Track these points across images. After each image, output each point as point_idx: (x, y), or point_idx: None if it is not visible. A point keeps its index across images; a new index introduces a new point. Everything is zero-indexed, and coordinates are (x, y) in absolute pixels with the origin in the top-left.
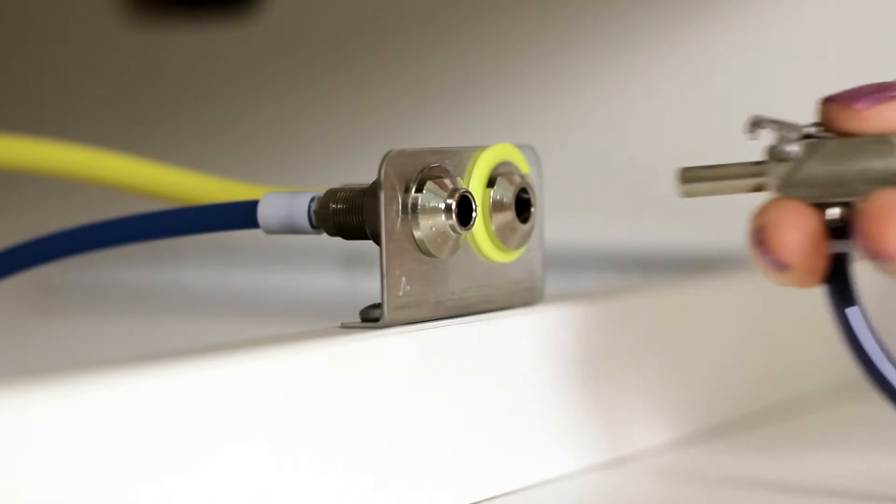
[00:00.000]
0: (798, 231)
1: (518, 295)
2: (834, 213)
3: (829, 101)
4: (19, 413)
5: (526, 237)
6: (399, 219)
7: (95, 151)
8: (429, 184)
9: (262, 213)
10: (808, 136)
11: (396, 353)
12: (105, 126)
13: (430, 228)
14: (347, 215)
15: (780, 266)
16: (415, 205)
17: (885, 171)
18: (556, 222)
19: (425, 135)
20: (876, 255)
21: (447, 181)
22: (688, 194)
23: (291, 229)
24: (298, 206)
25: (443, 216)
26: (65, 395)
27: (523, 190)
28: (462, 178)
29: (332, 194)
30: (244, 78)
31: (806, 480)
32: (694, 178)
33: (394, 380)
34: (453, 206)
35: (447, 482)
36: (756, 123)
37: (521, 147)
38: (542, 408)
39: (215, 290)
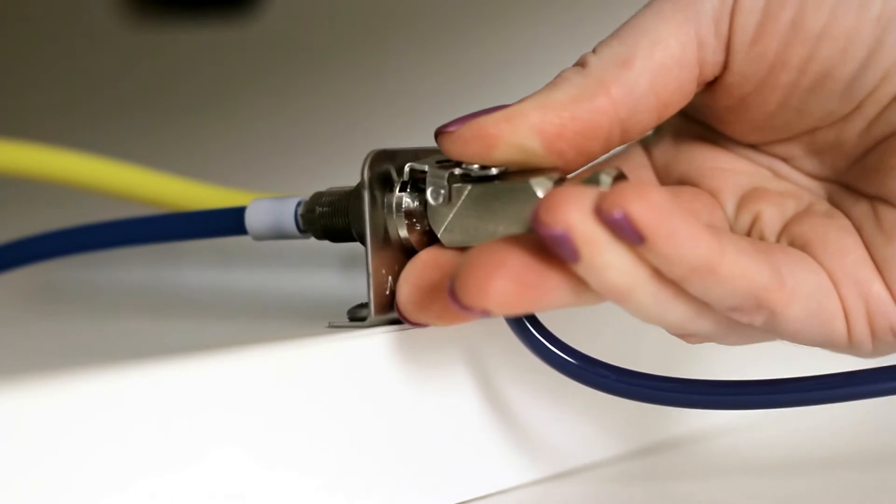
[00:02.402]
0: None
1: None
2: None
3: (436, 136)
4: (18, 412)
5: None
6: (383, 219)
7: (83, 157)
8: (412, 183)
9: (250, 220)
10: (465, 176)
11: (383, 353)
12: (104, 126)
13: (415, 227)
14: (333, 218)
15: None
16: (399, 204)
17: (527, 217)
18: None
19: (425, 135)
20: (466, 311)
21: None
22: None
23: (279, 234)
24: (285, 212)
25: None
26: (63, 394)
27: None
28: None
29: (317, 198)
30: (243, 78)
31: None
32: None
33: (380, 379)
34: None
35: (433, 482)
36: (412, 172)
37: None
38: (535, 408)
39: (215, 290)
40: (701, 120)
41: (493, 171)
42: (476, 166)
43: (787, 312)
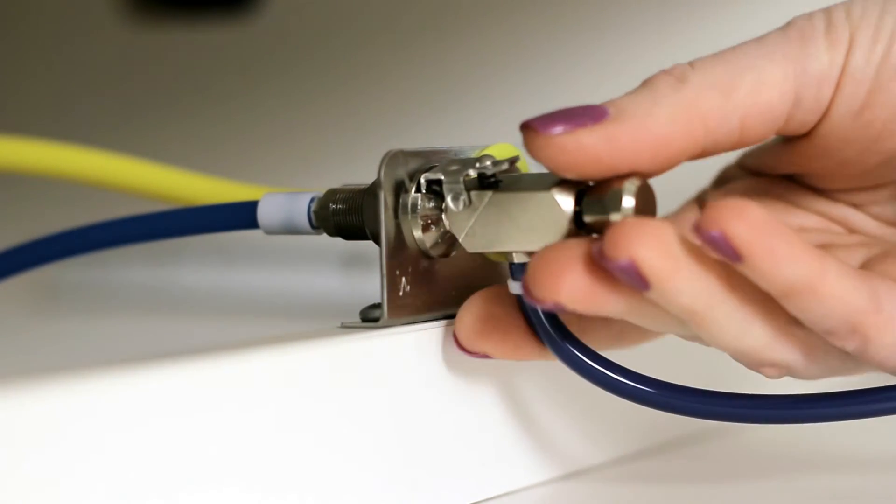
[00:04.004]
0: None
1: None
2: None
3: (524, 128)
4: (19, 413)
5: None
6: (399, 219)
7: (95, 153)
8: (428, 185)
9: (262, 214)
10: (482, 180)
11: (396, 354)
12: (105, 126)
13: (430, 228)
14: (347, 215)
15: None
16: (414, 205)
17: (548, 225)
18: None
19: (425, 135)
20: (538, 303)
21: None
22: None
23: (291, 230)
24: (298, 207)
25: (443, 216)
26: (65, 396)
27: None
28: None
29: (331, 194)
30: (244, 78)
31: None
32: None
33: (393, 380)
34: None
35: (447, 482)
36: (430, 183)
37: (520, 147)
38: (546, 407)
39: (215, 290)
40: (781, 172)
41: (505, 165)
42: (489, 164)
43: (881, 339)
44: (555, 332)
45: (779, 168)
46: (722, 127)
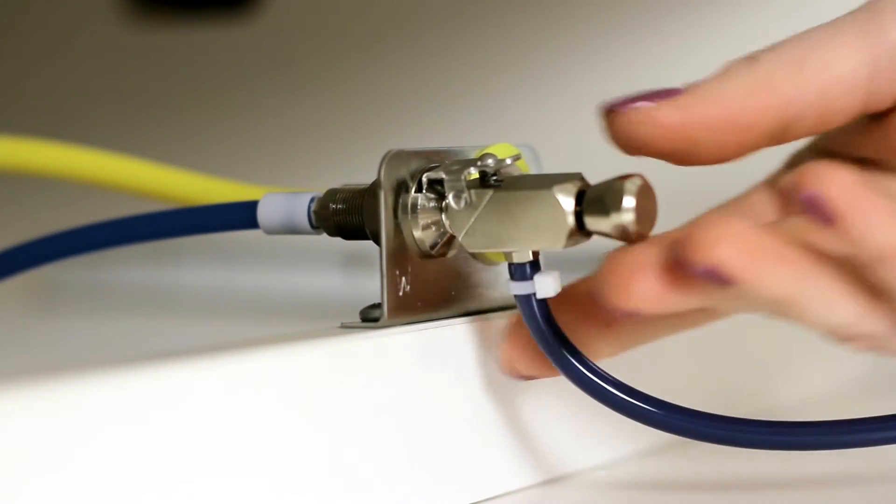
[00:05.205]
0: None
1: None
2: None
3: (603, 111)
4: (18, 413)
5: None
6: (399, 219)
7: (95, 152)
8: (429, 184)
9: (262, 214)
10: (483, 180)
11: (396, 354)
12: (105, 126)
13: (430, 228)
14: (347, 215)
15: None
16: (414, 205)
17: (549, 224)
18: None
19: (425, 135)
20: (616, 310)
21: None
22: None
23: (291, 229)
24: (298, 207)
25: (442, 216)
26: (65, 395)
27: None
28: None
29: (331, 194)
30: (244, 78)
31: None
32: None
33: (393, 380)
34: None
35: (447, 482)
36: (431, 182)
37: (520, 147)
38: (539, 410)
39: (215, 290)
40: (855, 153)
41: (507, 161)
42: (491, 162)
43: None
44: (554, 342)
45: (853, 148)
46: (798, 100)
